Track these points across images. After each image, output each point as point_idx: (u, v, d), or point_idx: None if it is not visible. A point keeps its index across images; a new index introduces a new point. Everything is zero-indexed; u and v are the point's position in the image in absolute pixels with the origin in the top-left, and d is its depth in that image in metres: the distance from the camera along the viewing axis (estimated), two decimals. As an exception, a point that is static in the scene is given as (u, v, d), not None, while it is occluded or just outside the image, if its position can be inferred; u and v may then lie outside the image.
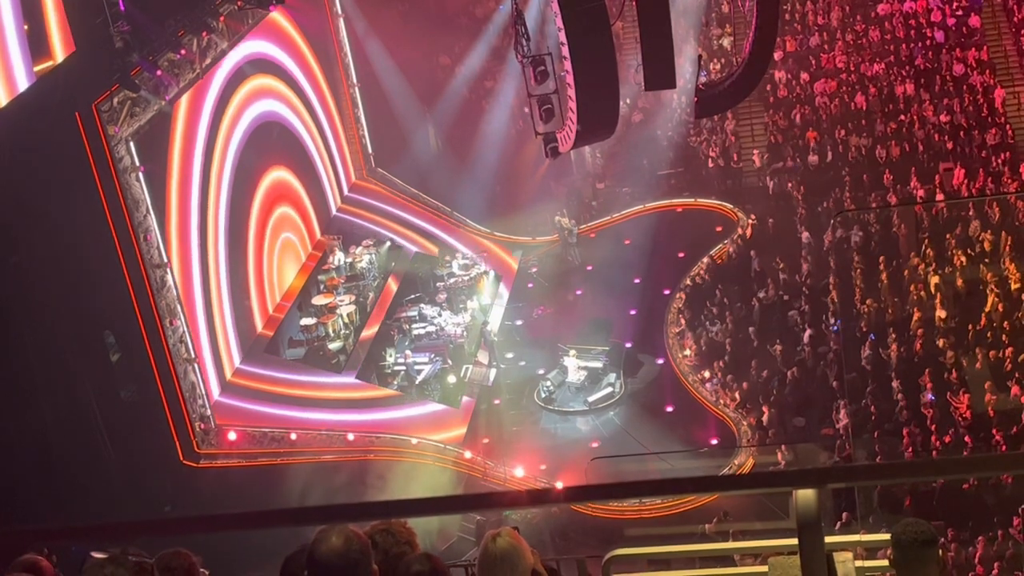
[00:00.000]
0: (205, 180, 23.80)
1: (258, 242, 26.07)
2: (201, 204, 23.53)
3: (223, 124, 24.77)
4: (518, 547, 4.49)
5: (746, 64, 18.45)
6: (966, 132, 29.44)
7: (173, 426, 20.98)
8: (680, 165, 31.61)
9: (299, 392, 23.94)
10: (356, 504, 7.96)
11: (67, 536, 4.51)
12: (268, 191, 26.74)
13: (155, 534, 3.68)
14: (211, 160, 24.13)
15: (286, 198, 27.85)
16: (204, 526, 4.03)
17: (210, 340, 23.40)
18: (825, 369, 23.55)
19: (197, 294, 23.11)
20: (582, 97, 17.23)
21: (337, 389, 24.44)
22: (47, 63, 18.01)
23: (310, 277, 27.87)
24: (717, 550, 10.67)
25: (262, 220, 26.37)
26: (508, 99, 31.51)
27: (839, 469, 14.74)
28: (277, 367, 24.79)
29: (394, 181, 31.94)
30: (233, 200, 24.95)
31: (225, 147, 24.82)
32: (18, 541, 4.43)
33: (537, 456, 23.34)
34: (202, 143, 23.79)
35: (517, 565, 4.43)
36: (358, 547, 3.86)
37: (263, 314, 26.06)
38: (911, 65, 31.30)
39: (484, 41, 32.42)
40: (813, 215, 28.27)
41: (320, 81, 30.25)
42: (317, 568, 3.86)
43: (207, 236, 23.69)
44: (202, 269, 23.37)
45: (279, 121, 27.75)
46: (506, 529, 4.55)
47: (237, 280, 24.94)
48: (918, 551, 4.80)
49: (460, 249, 29.47)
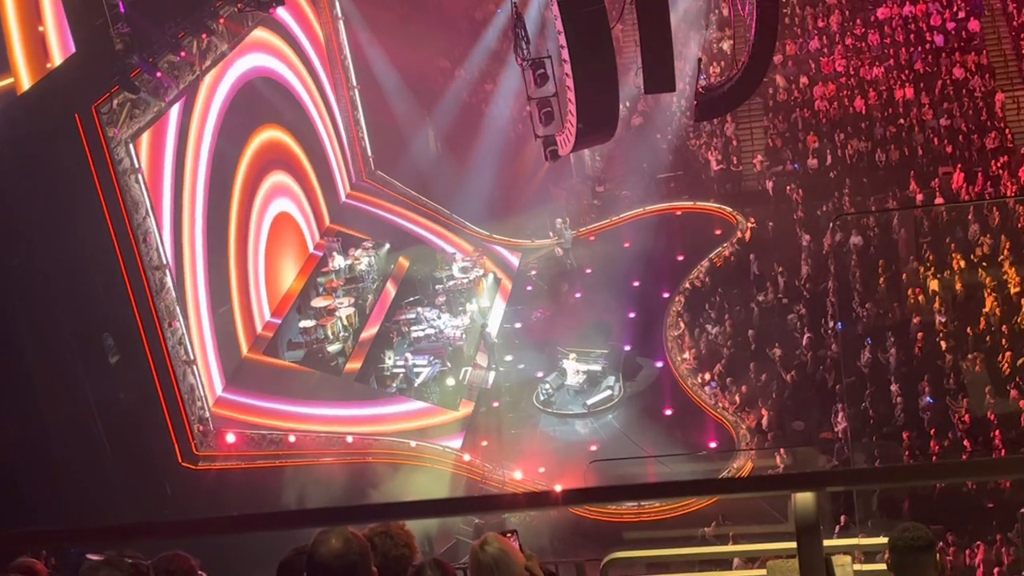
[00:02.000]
0: (202, 181, 23.80)
1: (256, 243, 26.06)
2: (197, 206, 23.54)
3: (223, 125, 24.76)
4: (507, 551, 4.50)
5: (746, 68, 18.45)
6: (965, 136, 29.46)
7: (172, 428, 20.98)
8: (679, 168, 31.61)
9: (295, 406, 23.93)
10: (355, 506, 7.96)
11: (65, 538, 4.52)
12: (267, 192, 26.73)
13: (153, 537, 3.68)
14: (209, 161, 24.12)
15: (285, 200, 27.84)
16: (202, 529, 4.02)
17: (211, 342, 23.41)
18: (824, 373, 23.55)
19: (201, 296, 23.12)
20: (582, 100, 17.22)
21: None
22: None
23: (309, 279, 27.86)
24: (715, 554, 10.67)
25: (261, 222, 26.36)
26: (508, 102, 31.52)
27: (838, 473, 14.74)
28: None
29: (393, 183, 31.93)
30: (230, 201, 24.95)
31: (224, 149, 24.81)
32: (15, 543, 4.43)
33: (536, 459, 23.32)
34: (199, 144, 23.80)
35: (508, 569, 4.44)
36: (357, 549, 3.86)
37: (260, 317, 26.05)
38: (911, 69, 31.32)
39: (484, 44, 32.43)
40: (812, 218, 28.27)
41: (320, 83, 30.26)
42: (316, 570, 3.86)
43: (205, 238, 23.69)
44: (202, 271, 23.37)
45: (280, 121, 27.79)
46: (491, 535, 4.55)
47: (238, 282, 24.95)
48: (916, 555, 4.81)
49: (459, 252, 29.47)
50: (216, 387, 23.56)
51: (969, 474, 9.28)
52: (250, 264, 25.66)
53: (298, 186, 28.50)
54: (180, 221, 22.67)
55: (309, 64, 29.63)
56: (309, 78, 29.50)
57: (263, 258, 26.30)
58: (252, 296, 25.67)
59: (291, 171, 28.18)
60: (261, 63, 26.79)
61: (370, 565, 3.89)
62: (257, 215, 26.15)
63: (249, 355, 25.03)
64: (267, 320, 26.17)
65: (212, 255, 23.93)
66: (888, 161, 29.61)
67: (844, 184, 29.00)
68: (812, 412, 23.02)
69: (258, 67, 26.61)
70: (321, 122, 30.28)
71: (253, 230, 25.96)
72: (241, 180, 25.48)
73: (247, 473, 22.04)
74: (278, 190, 27.36)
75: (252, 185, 26.05)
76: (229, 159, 24.96)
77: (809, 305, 25.44)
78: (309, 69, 29.59)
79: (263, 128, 26.76)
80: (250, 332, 25.39)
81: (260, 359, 25.08)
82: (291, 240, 28.05)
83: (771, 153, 31.11)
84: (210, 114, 24.29)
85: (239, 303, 24.94)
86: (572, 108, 17.54)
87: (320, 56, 30.36)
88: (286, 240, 27.71)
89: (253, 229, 25.96)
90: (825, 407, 22.82)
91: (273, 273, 26.87)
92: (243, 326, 25.10)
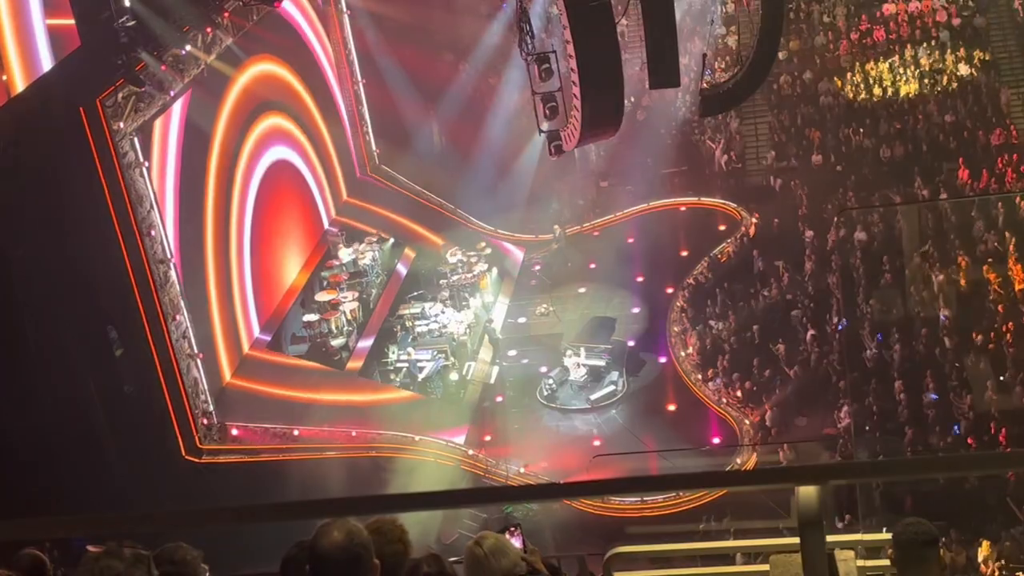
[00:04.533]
0: (207, 175, 23.81)
1: (261, 237, 26.05)
2: (203, 199, 23.55)
3: (227, 119, 24.76)
4: (502, 544, 4.55)
5: (751, 63, 18.44)
6: (970, 132, 29.41)
7: (176, 421, 21.01)
8: (684, 163, 31.58)
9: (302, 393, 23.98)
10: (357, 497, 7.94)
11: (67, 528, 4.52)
12: (272, 187, 26.71)
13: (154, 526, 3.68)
14: (214, 155, 24.13)
15: (290, 193, 27.84)
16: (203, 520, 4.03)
17: (212, 336, 23.44)
18: (827, 368, 23.54)
19: (203, 289, 23.14)
20: (586, 95, 17.22)
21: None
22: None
23: (313, 273, 27.87)
24: (718, 549, 10.67)
25: (265, 215, 26.36)
26: (512, 96, 31.45)
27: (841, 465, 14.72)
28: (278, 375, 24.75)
29: (398, 178, 31.93)
30: (235, 195, 24.95)
31: (230, 144, 24.80)
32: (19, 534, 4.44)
33: (539, 454, 23.34)
34: (204, 138, 23.80)
35: (505, 555, 4.47)
36: (360, 541, 3.87)
37: (265, 311, 26.07)
38: (916, 64, 31.25)
39: (488, 38, 32.37)
40: (816, 214, 28.23)
41: (325, 78, 30.24)
42: (319, 562, 3.86)
43: (210, 231, 23.71)
44: (205, 264, 23.39)
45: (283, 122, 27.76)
46: (487, 532, 4.60)
47: (240, 276, 24.96)
48: (919, 551, 4.81)
49: (463, 246, 29.45)
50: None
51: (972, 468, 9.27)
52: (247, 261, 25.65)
53: (303, 179, 28.47)
54: (185, 214, 22.67)
55: (314, 58, 29.60)
56: (314, 73, 29.47)
57: (262, 252, 26.31)
58: (249, 290, 25.66)
59: (296, 163, 28.15)
60: (266, 59, 26.78)
61: (372, 556, 3.90)
62: (260, 210, 26.14)
63: (250, 352, 25.07)
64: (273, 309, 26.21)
65: (218, 249, 23.95)
66: (893, 157, 29.57)
67: (848, 180, 28.95)
68: (816, 408, 23.01)
69: (263, 62, 26.59)
70: (331, 113, 30.29)
71: (256, 225, 25.96)
72: (242, 174, 25.44)
73: (251, 466, 22.05)
74: (283, 185, 27.34)
75: (255, 180, 26.04)
76: (233, 153, 24.94)
77: (813, 301, 25.41)
78: (313, 63, 29.56)
79: (266, 117, 26.69)
80: (252, 328, 25.44)
81: (265, 356, 25.17)
82: (295, 234, 28.04)
83: (776, 148, 31.07)
84: (214, 108, 24.28)
85: (238, 296, 24.96)
86: (577, 103, 17.54)
87: (325, 51, 30.33)
88: (291, 233, 27.71)
89: (256, 224, 25.96)
90: (828, 403, 22.80)
91: (277, 267, 26.88)
92: (243, 321, 25.14)
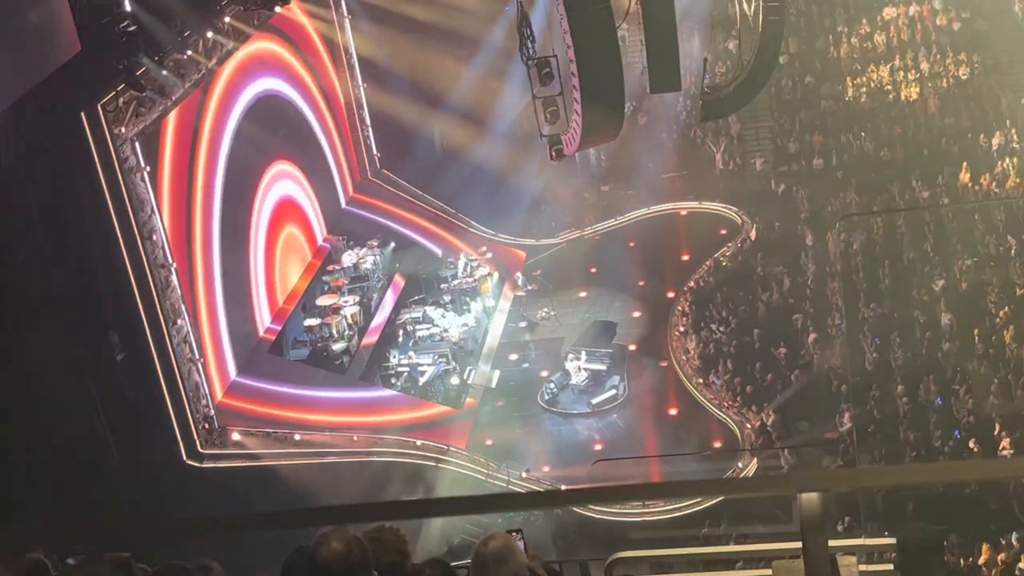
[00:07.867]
0: (207, 179, 23.82)
1: (261, 243, 26.05)
2: (202, 204, 23.55)
3: (228, 123, 24.77)
4: (510, 547, 4.53)
5: (752, 67, 18.44)
6: (971, 135, 29.39)
7: (177, 426, 21.01)
8: (685, 168, 31.58)
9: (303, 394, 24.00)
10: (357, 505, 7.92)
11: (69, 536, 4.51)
12: (272, 192, 26.73)
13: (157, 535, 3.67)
14: (214, 159, 24.14)
15: (291, 198, 27.85)
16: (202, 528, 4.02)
17: (215, 340, 23.43)
18: (829, 373, 23.52)
19: (202, 294, 23.13)
20: (587, 99, 17.23)
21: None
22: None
23: (314, 278, 27.88)
24: (720, 554, 10.65)
25: (266, 221, 26.37)
26: (513, 101, 31.46)
27: (843, 472, 14.71)
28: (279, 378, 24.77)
29: (399, 182, 31.95)
30: (236, 200, 24.95)
31: (229, 147, 24.81)
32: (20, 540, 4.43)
33: (540, 458, 23.33)
34: (205, 143, 23.80)
35: (510, 560, 4.46)
36: (359, 551, 3.86)
37: (270, 313, 26.07)
38: (916, 68, 31.25)
39: (489, 43, 32.38)
40: (817, 218, 28.23)
41: (326, 82, 30.24)
42: (318, 572, 3.86)
43: (211, 236, 23.71)
44: (205, 269, 23.39)
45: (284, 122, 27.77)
46: (496, 532, 4.58)
47: (241, 281, 24.95)
48: (922, 555, 4.80)
49: (464, 251, 29.46)
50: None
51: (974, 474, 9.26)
52: (252, 264, 25.67)
53: (304, 184, 28.49)
54: (185, 219, 22.67)
55: (315, 62, 29.61)
56: (315, 77, 29.48)
57: (263, 257, 26.30)
58: (252, 293, 25.69)
59: (297, 169, 28.16)
60: (267, 61, 26.80)
61: (371, 567, 3.89)
62: (261, 216, 26.16)
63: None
64: (278, 308, 26.22)
65: (222, 253, 23.96)
66: (894, 160, 29.56)
67: (850, 184, 28.95)
68: (817, 412, 22.98)
69: (264, 65, 26.61)
70: (332, 118, 30.30)
71: (257, 230, 25.97)
72: (244, 177, 25.46)
73: (252, 471, 22.05)
74: (283, 190, 27.34)
75: (255, 185, 26.06)
76: (233, 157, 24.95)
77: (814, 305, 25.40)
78: (315, 67, 29.57)
79: (268, 129, 26.73)
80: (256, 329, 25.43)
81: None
82: (296, 239, 28.04)
83: (777, 152, 31.07)
84: (216, 112, 24.29)
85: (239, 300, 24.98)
86: (577, 107, 17.54)
87: (327, 54, 30.34)
88: (291, 239, 27.71)
89: (257, 229, 25.97)
90: (830, 407, 22.78)
91: (278, 271, 26.87)
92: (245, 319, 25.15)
